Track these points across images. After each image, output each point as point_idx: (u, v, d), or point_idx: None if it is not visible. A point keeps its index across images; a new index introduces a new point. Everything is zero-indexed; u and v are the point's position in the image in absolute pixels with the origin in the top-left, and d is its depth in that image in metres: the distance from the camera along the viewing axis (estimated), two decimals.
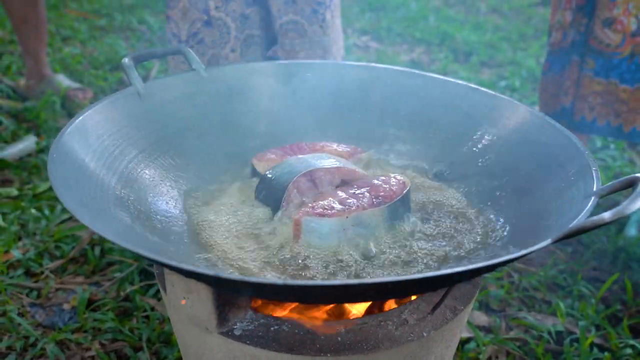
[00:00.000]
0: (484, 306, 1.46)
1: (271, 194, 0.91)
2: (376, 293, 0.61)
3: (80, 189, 0.79)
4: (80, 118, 0.90)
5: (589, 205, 0.72)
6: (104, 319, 1.31)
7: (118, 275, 1.46)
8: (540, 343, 1.32)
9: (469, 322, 1.35)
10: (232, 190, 0.99)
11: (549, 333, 1.35)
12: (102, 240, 1.58)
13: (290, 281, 0.55)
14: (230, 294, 0.77)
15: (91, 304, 1.37)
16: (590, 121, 1.75)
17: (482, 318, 1.41)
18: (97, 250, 1.54)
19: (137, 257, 1.52)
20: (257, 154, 1.04)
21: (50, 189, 1.77)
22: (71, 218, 1.67)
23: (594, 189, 0.76)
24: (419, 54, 3.26)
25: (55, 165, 0.77)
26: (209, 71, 1.13)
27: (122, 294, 1.40)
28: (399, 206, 0.89)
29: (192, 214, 0.93)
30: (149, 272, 1.49)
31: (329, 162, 0.95)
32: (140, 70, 2.66)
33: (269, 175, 0.94)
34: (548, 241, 0.64)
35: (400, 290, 0.64)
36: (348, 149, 1.05)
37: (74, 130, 0.87)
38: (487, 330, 1.38)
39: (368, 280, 0.53)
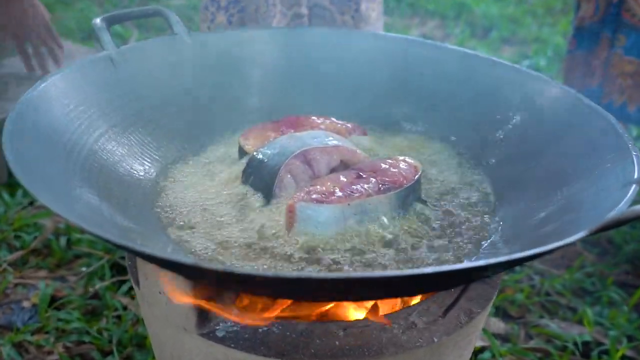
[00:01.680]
0: (501, 312, 1.46)
1: (261, 178, 0.90)
2: (381, 289, 0.60)
3: (41, 166, 0.77)
4: (43, 85, 0.88)
5: (630, 193, 0.70)
6: (69, 319, 1.30)
7: (86, 269, 1.45)
8: (564, 354, 1.31)
9: (484, 330, 1.34)
10: (217, 173, 0.97)
11: (575, 343, 1.35)
12: (68, 230, 1.56)
13: (282, 273, 0.53)
14: (212, 289, 0.75)
15: (55, 302, 1.36)
16: (619, 106, 1.72)
17: (498, 325, 1.41)
18: (62, 240, 1.52)
19: (108, 249, 1.51)
20: (244, 131, 1.03)
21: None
22: (33, 204, 1.65)
23: (635, 175, 0.74)
24: (432, 28, 3.24)
25: (12, 139, 0.75)
26: (194, 37, 1.11)
27: (90, 290, 1.39)
28: (409, 193, 0.87)
29: (171, 198, 0.91)
30: (121, 267, 1.47)
31: (327, 140, 0.93)
32: (117, 40, 2.63)
33: (258, 157, 0.92)
34: (582, 233, 0.62)
35: (408, 286, 0.63)
36: (348, 125, 1.04)
37: (35, 99, 0.85)
38: (504, 338, 1.37)
39: (373, 273, 0.52)
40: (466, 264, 0.58)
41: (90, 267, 1.45)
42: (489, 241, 0.85)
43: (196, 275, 0.67)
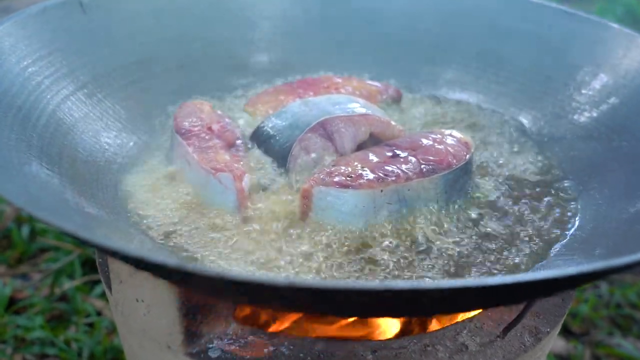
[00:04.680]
0: (561, 327, 1.40)
1: (268, 156, 0.87)
2: (430, 303, 0.55)
3: None
4: None
5: None
6: (30, 326, 1.27)
7: (53, 265, 1.43)
8: None
9: None
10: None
11: None
12: (32, 218, 1.54)
13: (298, 280, 0.47)
14: (203, 297, 0.72)
15: (14, 304, 1.34)
16: None
17: (558, 343, 1.36)
18: (25, 230, 1.50)
19: (80, 242, 1.48)
20: (250, 97, 1.00)
21: None
22: None
23: None
24: None
25: None
26: None
27: (57, 291, 1.37)
28: (458, 177, 0.83)
29: (152, 177, 0.87)
30: (95, 264, 1.45)
31: (352, 107, 0.89)
32: None
33: (265, 129, 0.89)
34: None
35: (466, 301, 0.58)
36: (377, 85, 1.02)
37: None
38: None
39: (424, 284, 0.45)
40: (545, 274, 0.52)
41: (58, 263, 1.43)
42: (566, 240, 0.80)
43: (182, 280, 0.63)
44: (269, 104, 0.95)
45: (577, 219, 0.84)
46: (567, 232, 0.82)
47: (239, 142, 0.87)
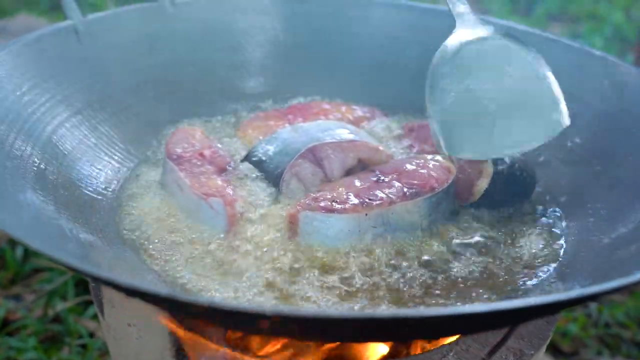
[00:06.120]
0: (550, 346, 1.39)
1: (258, 181, 0.88)
2: (414, 330, 0.55)
3: None
4: None
5: None
6: (23, 347, 1.26)
7: (46, 286, 1.41)
8: None
9: None
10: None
11: None
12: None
13: (284, 310, 0.48)
14: (193, 323, 0.72)
15: (7, 325, 1.32)
16: None
17: None
18: (19, 251, 1.49)
19: (72, 270, 1.48)
20: (242, 122, 1.01)
21: None
22: None
23: None
24: None
25: None
26: (178, 5, 1.09)
27: (50, 312, 1.35)
28: (441, 200, 0.84)
29: (145, 203, 0.88)
30: (88, 285, 1.44)
31: (341, 134, 0.90)
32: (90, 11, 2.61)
33: (256, 155, 0.90)
34: None
35: (449, 327, 0.58)
36: (365, 112, 1.02)
37: None
38: None
39: (405, 312, 0.46)
40: (520, 302, 0.53)
41: (51, 283, 1.42)
42: (549, 267, 0.81)
43: (174, 309, 0.64)
44: (259, 129, 0.96)
45: (561, 244, 0.84)
46: (550, 259, 0.82)
47: (230, 167, 0.89)
